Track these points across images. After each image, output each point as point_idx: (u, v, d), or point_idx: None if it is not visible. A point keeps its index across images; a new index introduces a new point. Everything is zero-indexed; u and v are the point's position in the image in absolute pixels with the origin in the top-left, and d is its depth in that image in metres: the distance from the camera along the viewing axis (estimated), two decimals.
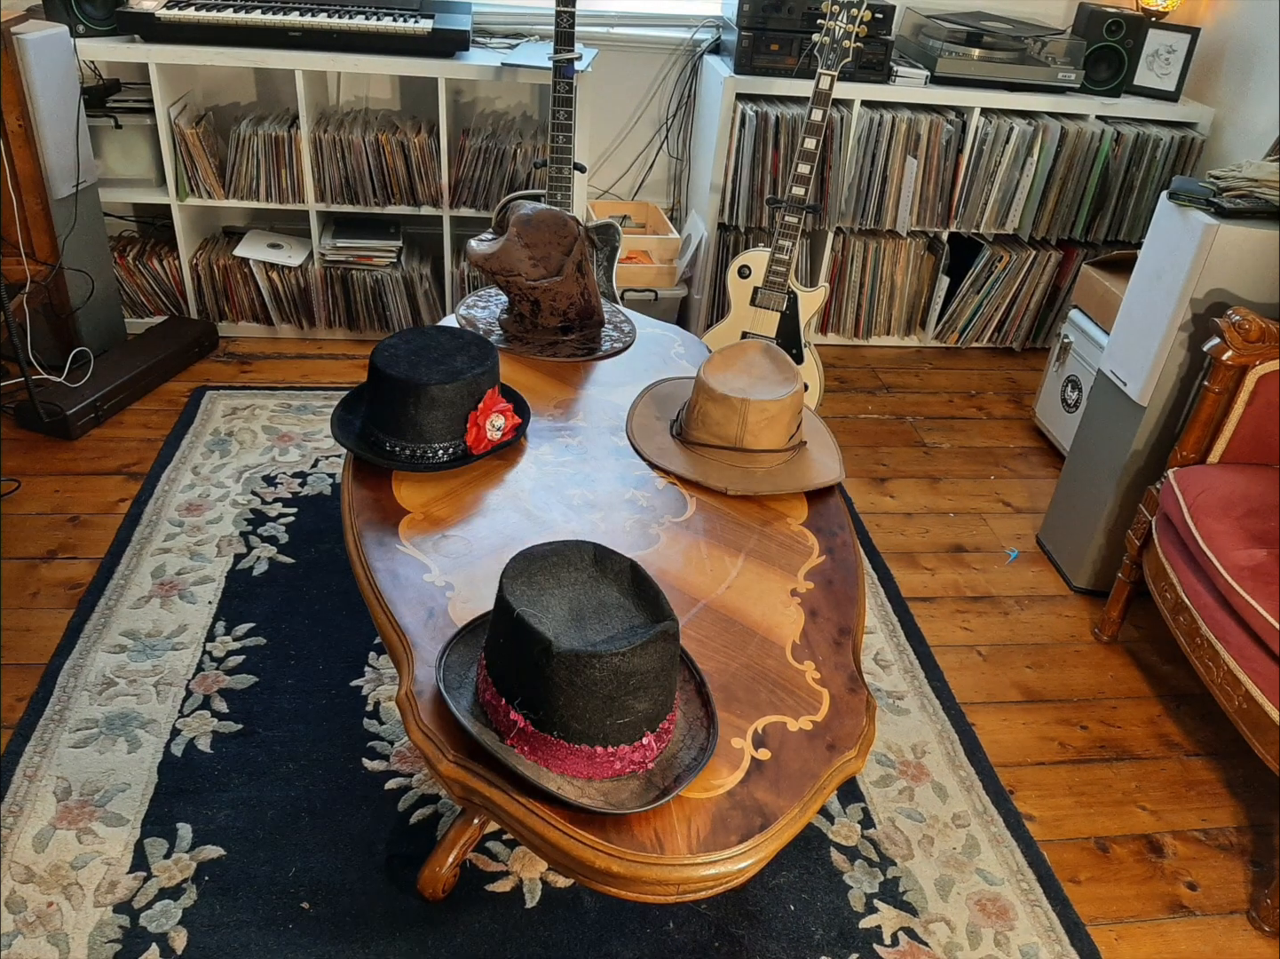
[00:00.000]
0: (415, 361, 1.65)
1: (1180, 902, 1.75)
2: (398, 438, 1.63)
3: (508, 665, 1.14)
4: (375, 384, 1.65)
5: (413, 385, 1.60)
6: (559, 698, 1.10)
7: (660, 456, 1.76)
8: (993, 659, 2.23)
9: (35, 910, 1.54)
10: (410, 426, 1.62)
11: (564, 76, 2.65)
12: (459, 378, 1.63)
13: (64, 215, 2.68)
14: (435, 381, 1.61)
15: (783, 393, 1.74)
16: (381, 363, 1.63)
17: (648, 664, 1.09)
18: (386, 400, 1.63)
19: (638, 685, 1.09)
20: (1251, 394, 2.00)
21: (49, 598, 2.13)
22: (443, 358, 1.68)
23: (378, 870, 1.64)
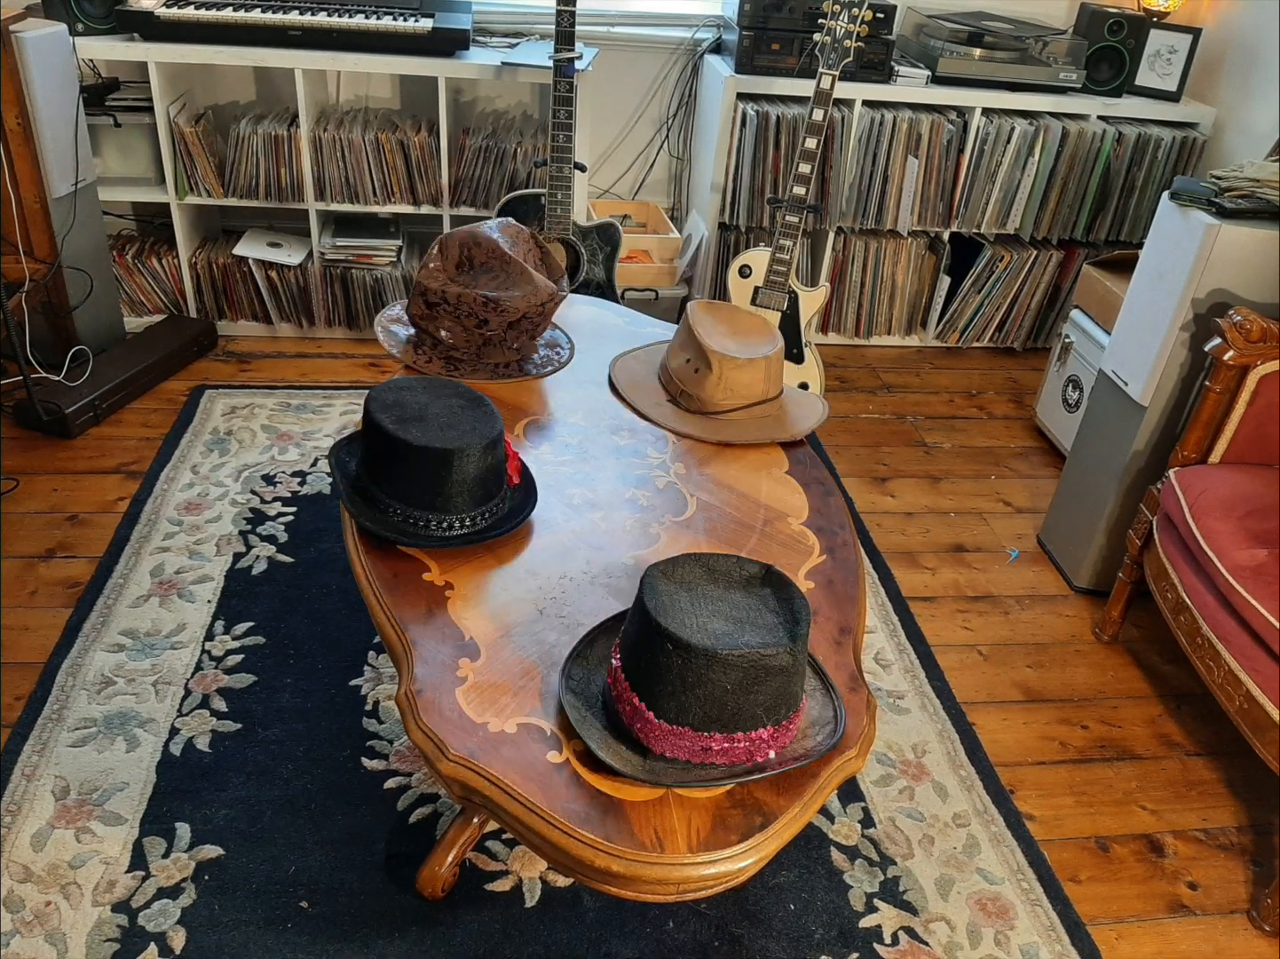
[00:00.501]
0: (432, 425, 1.49)
1: (1181, 901, 1.75)
2: (434, 511, 1.48)
3: (653, 671, 1.17)
4: (398, 458, 1.47)
5: (446, 454, 1.45)
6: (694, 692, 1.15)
7: (645, 406, 1.90)
8: (993, 659, 2.23)
9: (33, 910, 1.54)
10: (456, 496, 1.48)
11: (564, 75, 2.65)
12: (482, 435, 1.49)
13: (63, 214, 2.68)
14: (464, 445, 1.46)
15: (766, 351, 1.88)
16: (403, 434, 1.46)
17: (780, 663, 1.15)
18: (418, 475, 1.47)
19: (766, 682, 1.15)
20: (1253, 394, 2.00)
21: (47, 597, 2.13)
22: (452, 417, 1.52)
23: (377, 870, 1.64)
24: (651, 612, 1.16)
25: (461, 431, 1.48)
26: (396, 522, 1.48)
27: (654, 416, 1.89)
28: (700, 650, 1.12)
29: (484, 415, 1.53)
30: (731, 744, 1.17)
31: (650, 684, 1.16)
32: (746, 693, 1.14)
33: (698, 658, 1.12)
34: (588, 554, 1.52)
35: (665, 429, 1.86)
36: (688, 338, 1.92)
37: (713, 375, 1.86)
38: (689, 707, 1.15)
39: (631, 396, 1.94)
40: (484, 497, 1.51)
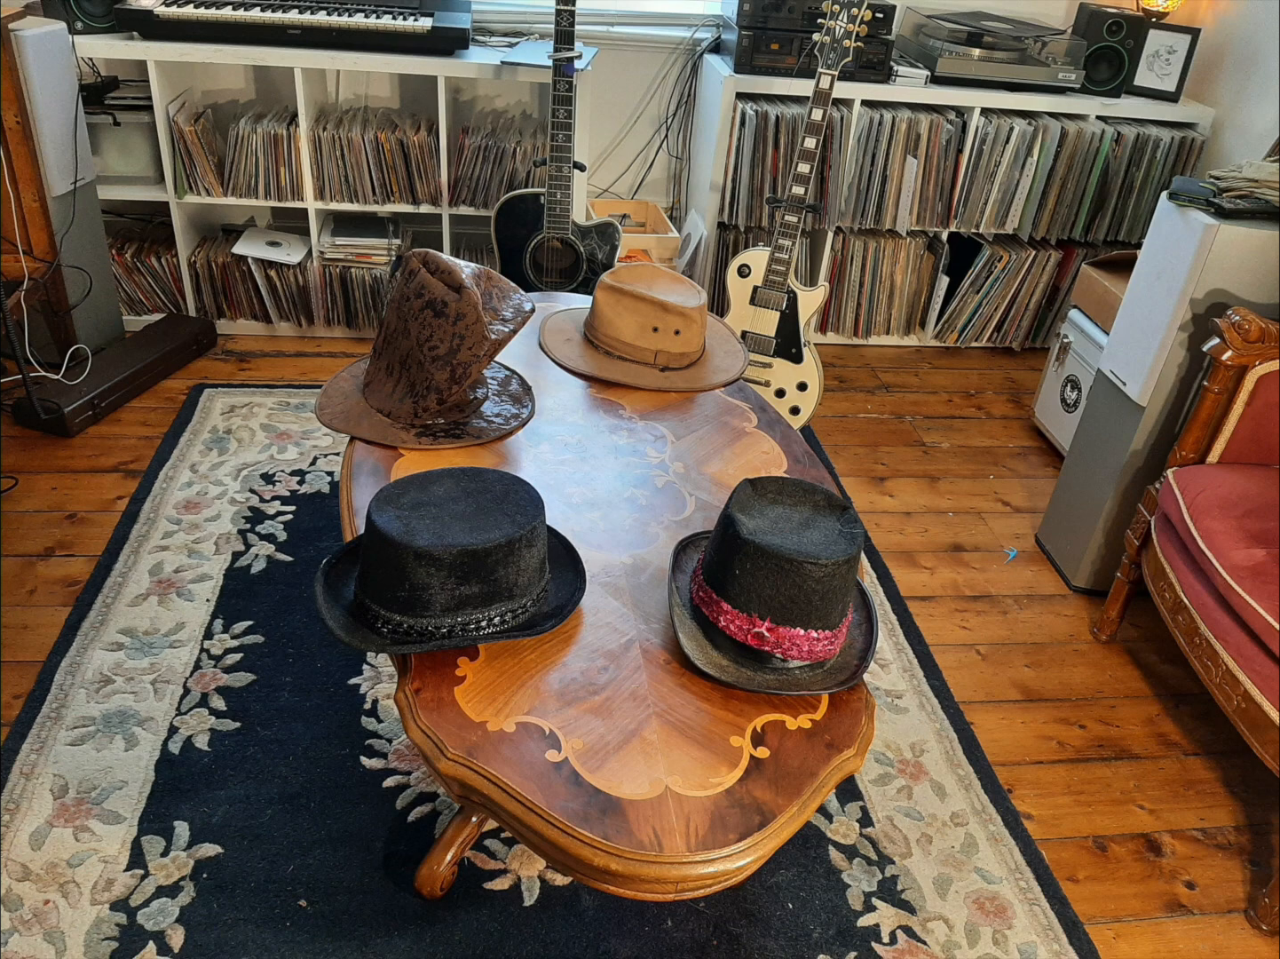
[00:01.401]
0: (465, 520, 1.32)
1: (1178, 901, 1.75)
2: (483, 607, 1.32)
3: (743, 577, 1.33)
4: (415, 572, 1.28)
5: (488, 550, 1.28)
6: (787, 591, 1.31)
7: (570, 360, 1.99)
8: (991, 658, 2.23)
9: (32, 908, 1.54)
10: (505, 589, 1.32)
11: (564, 75, 2.65)
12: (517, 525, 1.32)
13: (62, 212, 2.68)
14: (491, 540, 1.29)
15: (693, 302, 1.97)
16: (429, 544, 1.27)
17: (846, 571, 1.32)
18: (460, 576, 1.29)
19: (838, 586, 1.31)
20: (1251, 394, 2.00)
21: (46, 595, 2.13)
22: (488, 508, 1.36)
23: (376, 868, 1.64)
24: (731, 511, 1.35)
25: (500, 524, 1.32)
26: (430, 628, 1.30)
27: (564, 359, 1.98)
28: (763, 547, 1.29)
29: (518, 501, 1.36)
30: (777, 634, 1.31)
31: (719, 573, 1.34)
32: (800, 591, 1.29)
33: (758, 553, 1.29)
34: (586, 553, 1.52)
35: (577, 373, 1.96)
36: (634, 302, 1.98)
37: (695, 325, 1.97)
38: (750, 594, 1.32)
39: (569, 363, 2.00)
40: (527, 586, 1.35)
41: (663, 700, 1.30)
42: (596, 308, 2.02)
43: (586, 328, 2.07)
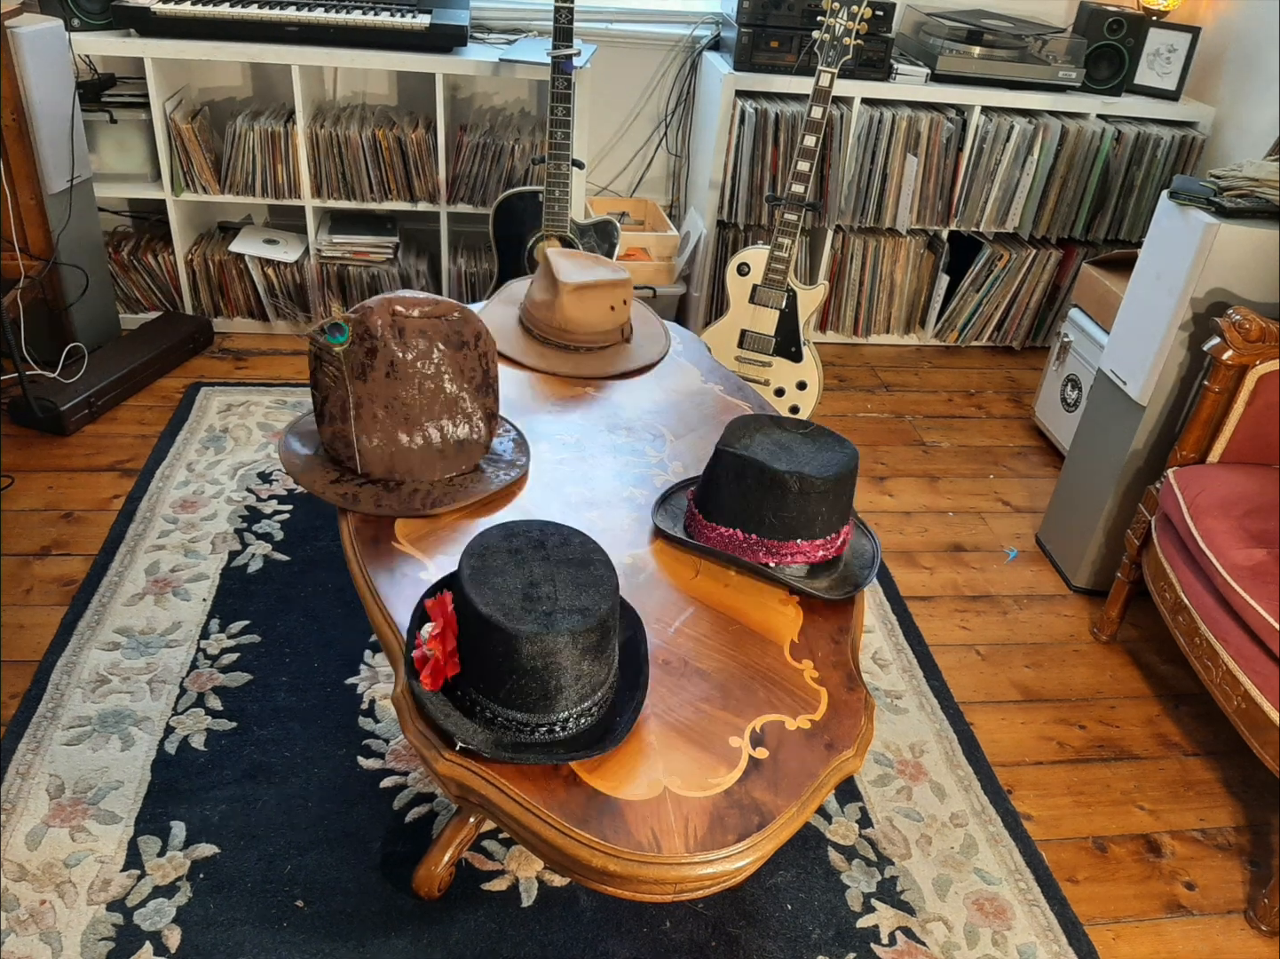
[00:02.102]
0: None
1: (1178, 901, 1.75)
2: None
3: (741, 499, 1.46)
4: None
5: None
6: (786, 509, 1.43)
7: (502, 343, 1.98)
8: (991, 658, 2.23)
9: (28, 909, 1.53)
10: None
11: (563, 72, 2.64)
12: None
13: (58, 210, 2.67)
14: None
15: (601, 277, 1.99)
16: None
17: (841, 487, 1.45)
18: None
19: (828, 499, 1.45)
20: (1251, 394, 2.00)
21: (42, 594, 2.12)
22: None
23: (373, 869, 1.63)
24: (724, 444, 1.49)
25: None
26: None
27: (511, 353, 1.97)
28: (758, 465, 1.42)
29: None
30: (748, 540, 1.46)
31: (706, 491, 1.51)
32: (804, 505, 1.42)
33: (756, 470, 1.42)
34: None
35: (517, 364, 1.96)
36: (543, 273, 2.02)
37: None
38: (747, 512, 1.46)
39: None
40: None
41: (661, 701, 1.29)
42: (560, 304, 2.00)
43: (538, 323, 2.04)
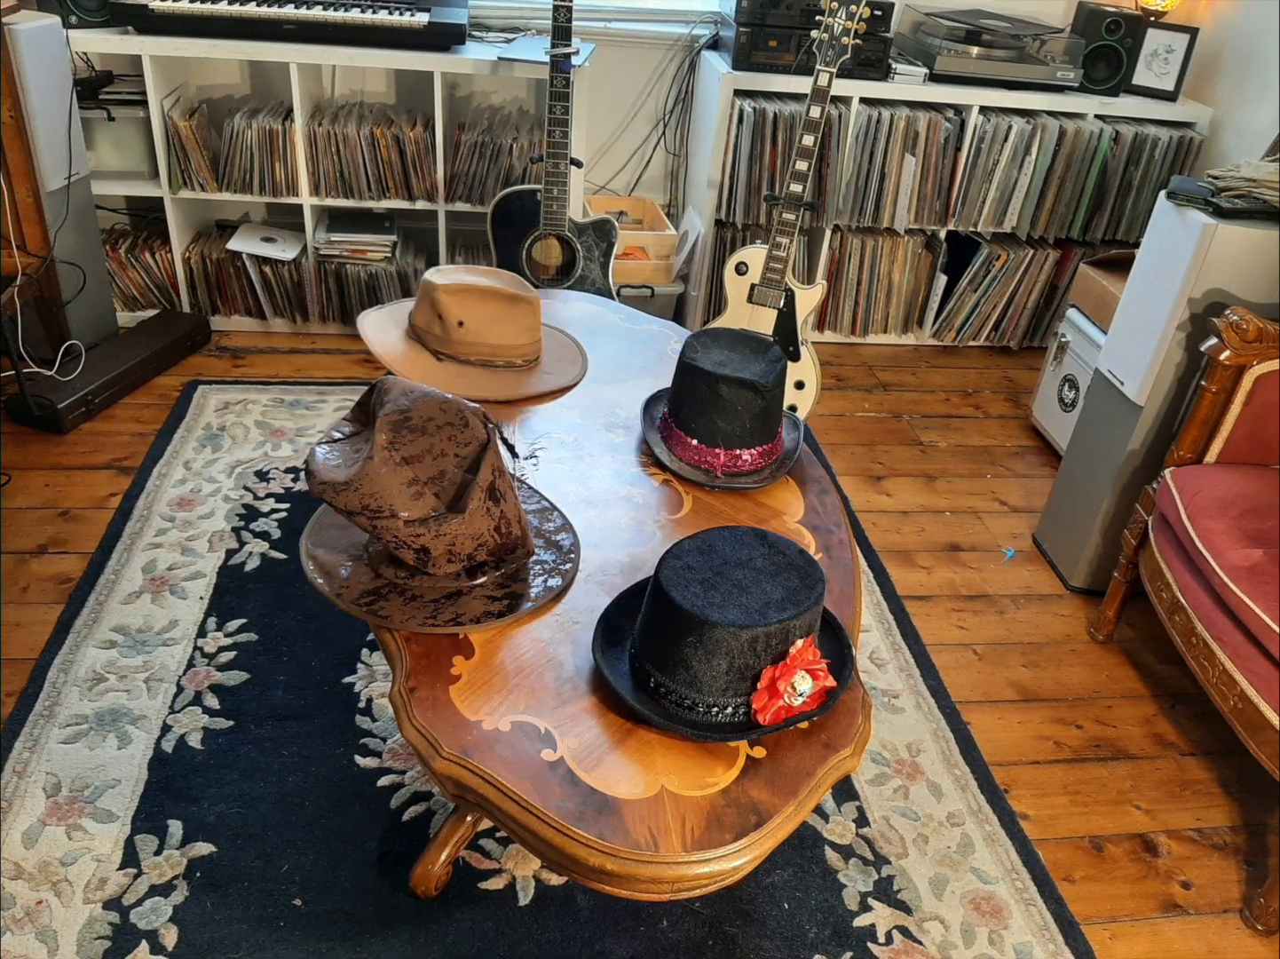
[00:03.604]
0: (710, 583, 1.25)
1: (1174, 901, 1.75)
2: (667, 676, 1.25)
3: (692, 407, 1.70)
4: (655, 603, 1.26)
5: (694, 619, 1.21)
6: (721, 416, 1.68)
7: (387, 351, 1.84)
8: (988, 658, 2.23)
9: (24, 907, 1.53)
10: (682, 667, 1.23)
11: (561, 71, 2.64)
12: (760, 621, 1.21)
13: (55, 207, 2.66)
14: (726, 621, 1.21)
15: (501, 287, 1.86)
16: (668, 582, 1.24)
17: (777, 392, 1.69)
18: (661, 630, 1.25)
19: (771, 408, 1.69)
20: (1249, 394, 2.00)
21: (39, 593, 2.12)
22: (749, 583, 1.27)
23: (370, 868, 1.63)
24: (685, 357, 1.71)
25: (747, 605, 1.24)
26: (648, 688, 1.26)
27: (401, 369, 1.82)
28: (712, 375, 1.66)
29: (797, 592, 1.27)
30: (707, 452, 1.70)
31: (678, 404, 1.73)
32: (736, 414, 1.67)
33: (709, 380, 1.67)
34: (583, 552, 1.51)
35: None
36: (427, 290, 1.86)
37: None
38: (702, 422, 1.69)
39: (381, 350, 1.85)
40: None
41: None
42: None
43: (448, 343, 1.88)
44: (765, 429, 1.71)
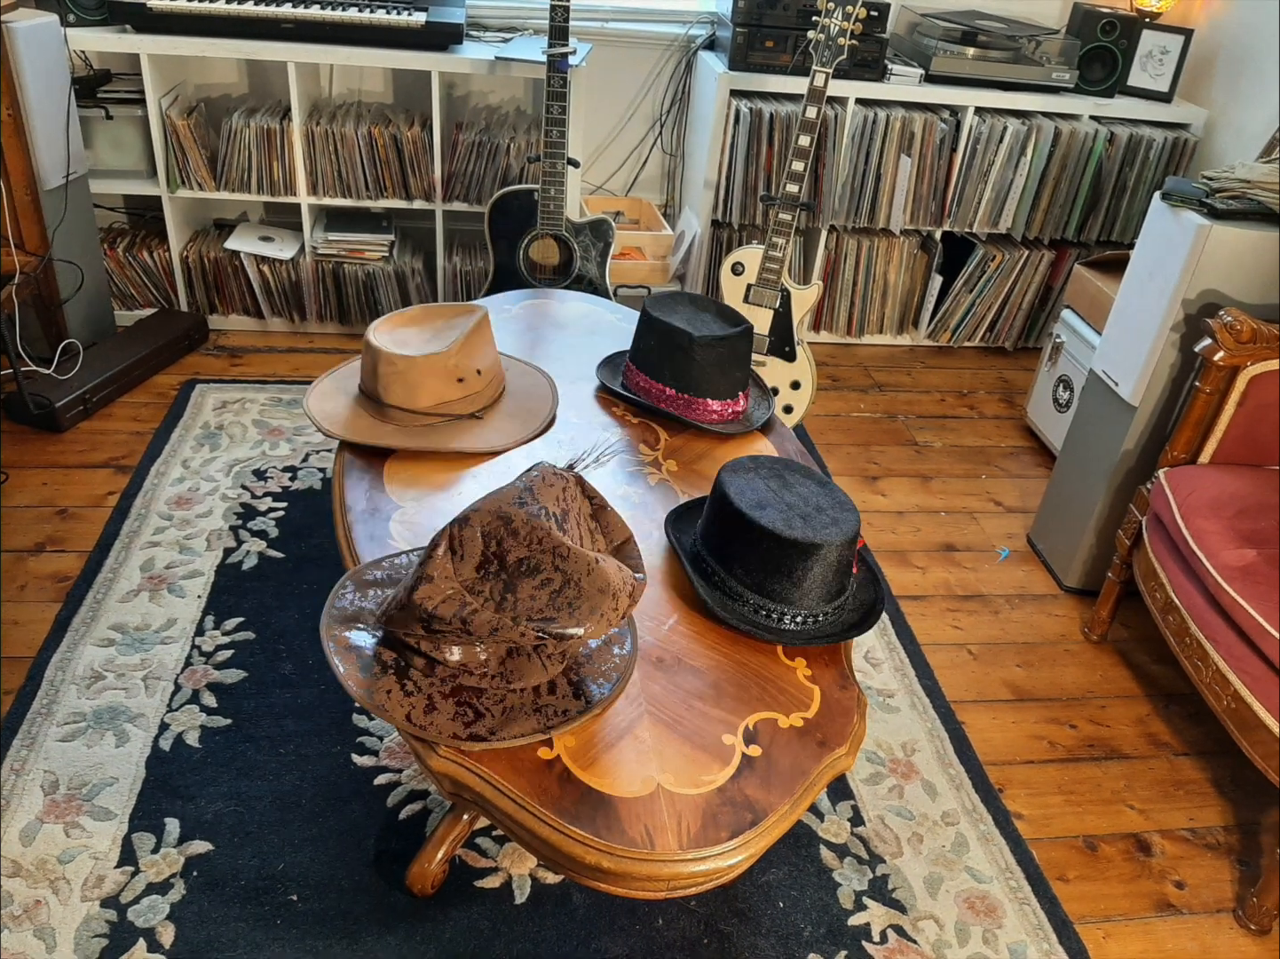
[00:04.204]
0: (794, 514, 1.43)
1: (1168, 900, 1.76)
2: (788, 604, 1.42)
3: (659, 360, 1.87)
4: (757, 546, 1.41)
5: (812, 547, 1.39)
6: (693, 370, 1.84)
7: (325, 416, 1.72)
8: (983, 658, 2.24)
9: (22, 905, 1.53)
10: (813, 590, 1.42)
11: (558, 71, 2.64)
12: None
13: (54, 206, 2.66)
14: (828, 540, 1.40)
15: (430, 349, 1.69)
16: (769, 524, 1.40)
17: (738, 349, 1.86)
18: (778, 566, 1.40)
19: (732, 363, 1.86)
20: (1243, 395, 2.01)
21: (36, 591, 2.12)
22: (808, 505, 1.47)
23: (367, 866, 1.64)
24: (650, 309, 1.88)
25: (823, 524, 1.42)
26: (748, 613, 1.42)
27: (330, 427, 1.70)
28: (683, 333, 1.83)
29: (841, 505, 1.47)
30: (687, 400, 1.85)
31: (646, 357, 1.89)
32: (708, 366, 1.83)
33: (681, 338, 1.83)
34: None
35: (335, 437, 1.69)
36: (368, 340, 1.72)
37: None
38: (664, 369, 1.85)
39: (318, 406, 1.74)
40: (838, 591, 1.46)
41: (655, 698, 1.30)
42: None
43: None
44: (733, 384, 1.87)
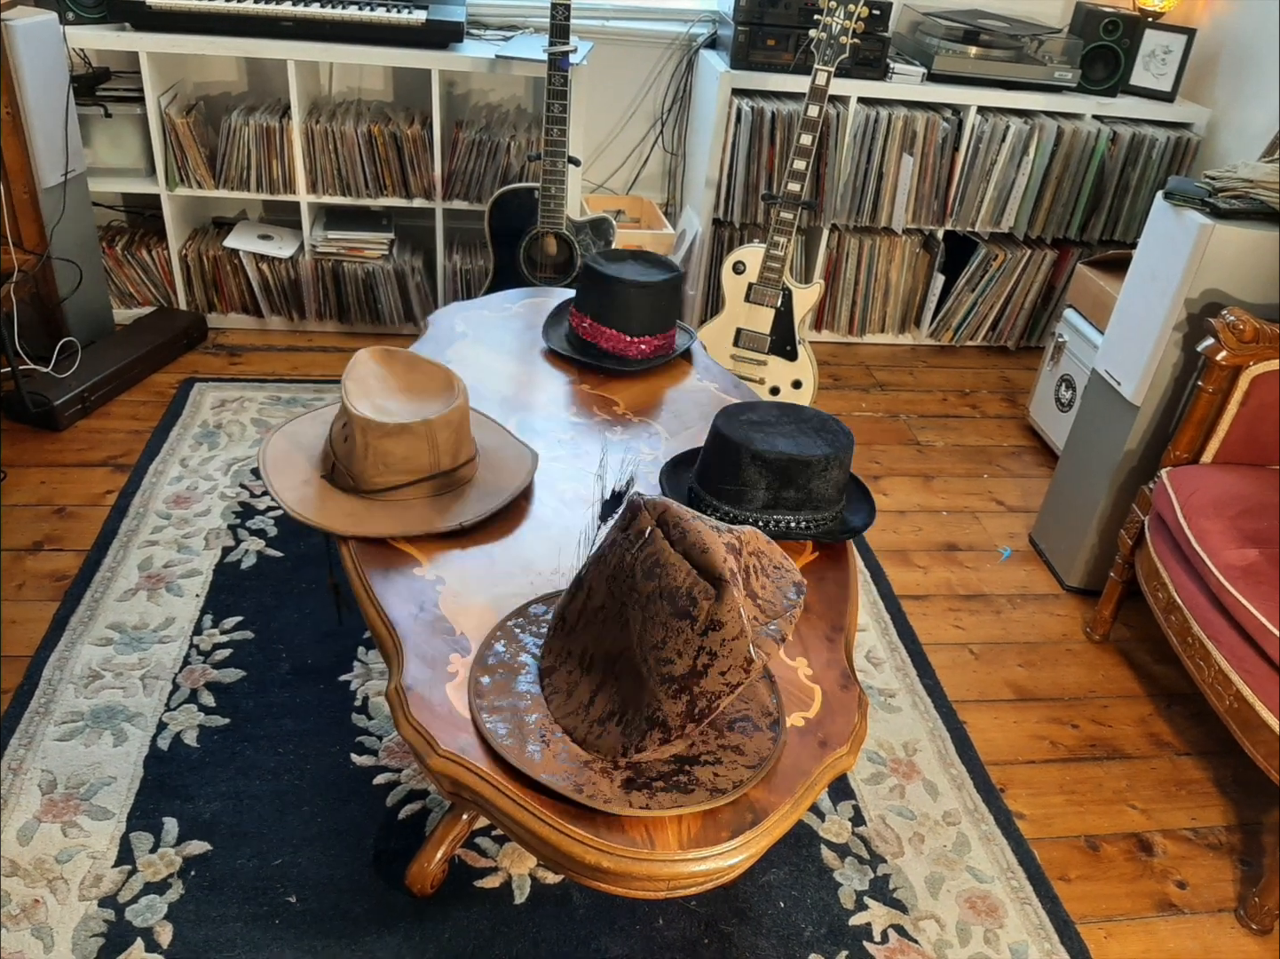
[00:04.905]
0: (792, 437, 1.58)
1: (1169, 900, 1.75)
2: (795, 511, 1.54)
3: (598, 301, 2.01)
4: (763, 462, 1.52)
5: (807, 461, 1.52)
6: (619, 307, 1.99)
7: (285, 486, 1.54)
8: (984, 657, 2.23)
9: (20, 904, 1.52)
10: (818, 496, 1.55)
11: (559, 69, 2.63)
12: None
13: (52, 204, 2.66)
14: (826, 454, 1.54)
15: (429, 414, 1.52)
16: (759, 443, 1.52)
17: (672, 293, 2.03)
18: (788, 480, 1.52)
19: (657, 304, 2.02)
20: (1245, 394, 2.00)
21: (35, 590, 2.11)
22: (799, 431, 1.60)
23: (366, 866, 1.63)
24: (592, 264, 2.02)
25: (813, 443, 1.56)
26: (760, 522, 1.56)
27: (290, 501, 1.50)
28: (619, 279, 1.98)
29: (828, 427, 1.60)
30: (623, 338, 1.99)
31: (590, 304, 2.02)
32: (641, 307, 1.99)
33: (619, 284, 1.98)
34: (581, 551, 1.51)
35: (302, 518, 1.48)
36: (342, 399, 1.54)
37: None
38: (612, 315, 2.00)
39: (273, 473, 1.55)
40: (833, 501, 1.58)
41: None
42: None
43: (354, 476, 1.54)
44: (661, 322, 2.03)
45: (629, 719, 1.17)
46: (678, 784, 1.15)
